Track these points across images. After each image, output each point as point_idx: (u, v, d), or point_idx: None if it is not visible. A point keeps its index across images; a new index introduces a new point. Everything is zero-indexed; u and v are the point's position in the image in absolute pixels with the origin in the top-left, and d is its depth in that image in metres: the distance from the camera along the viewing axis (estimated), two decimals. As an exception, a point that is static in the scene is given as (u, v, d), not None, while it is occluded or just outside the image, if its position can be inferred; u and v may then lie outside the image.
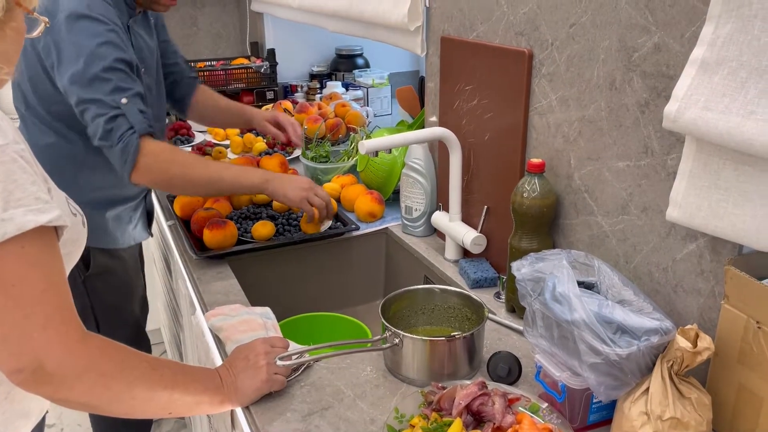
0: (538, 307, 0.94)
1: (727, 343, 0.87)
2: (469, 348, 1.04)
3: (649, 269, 1.01)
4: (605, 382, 0.86)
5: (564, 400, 0.92)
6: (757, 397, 0.84)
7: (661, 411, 0.84)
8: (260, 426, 0.96)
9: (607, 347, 0.85)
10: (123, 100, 1.32)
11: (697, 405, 0.86)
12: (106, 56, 1.32)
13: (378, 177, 1.77)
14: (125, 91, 1.33)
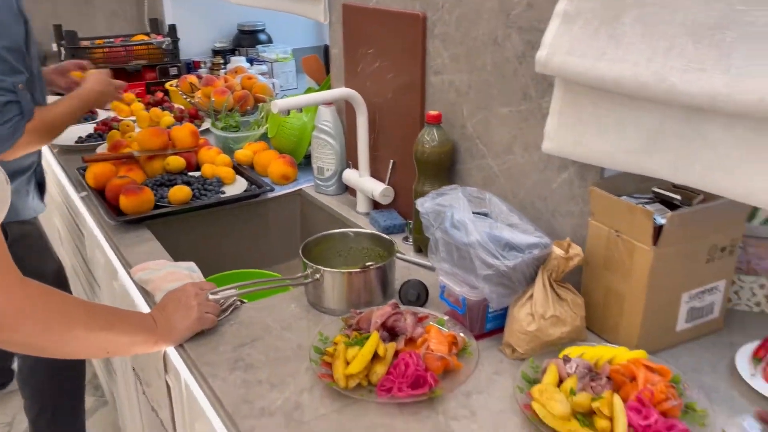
0: (440, 235, 1.07)
1: (594, 253, 1.04)
2: (382, 278, 1.17)
3: (531, 200, 1.17)
4: (497, 291, 1.01)
5: (465, 313, 1.07)
6: (620, 295, 1.02)
7: (543, 311, 1.00)
8: (195, 358, 1.04)
9: (498, 261, 1.00)
10: (19, 85, 1.37)
11: (572, 305, 1.03)
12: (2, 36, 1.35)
13: (289, 142, 1.86)
14: (20, 75, 1.38)
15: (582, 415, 0.85)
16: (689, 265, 0.99)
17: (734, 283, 1.12)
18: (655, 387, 0.87)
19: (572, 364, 0.93)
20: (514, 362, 1.01)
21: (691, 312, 1.03)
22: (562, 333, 1.01)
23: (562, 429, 0.84)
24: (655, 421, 0.82)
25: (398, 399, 0.91)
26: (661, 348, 1.03)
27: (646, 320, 0.99)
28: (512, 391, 0.93)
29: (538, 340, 1.00)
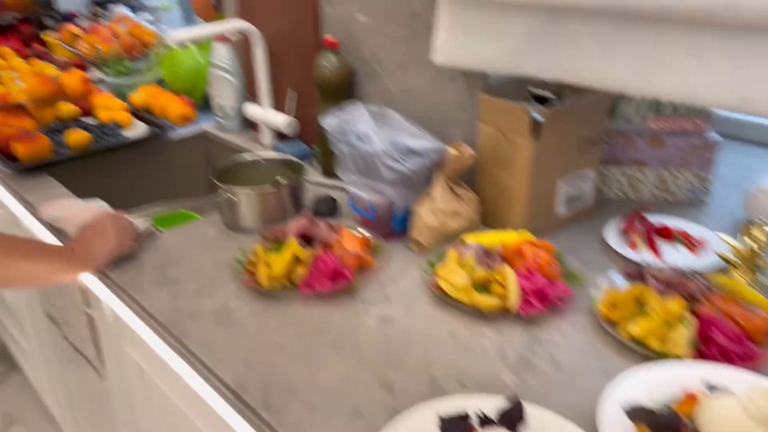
0: (346, 149, 1.16)
1: (484, 152, 1.17)
2: (294, 196, 1.24)
3: (427, 113, 1.28)
4: (402, 193, 1.12)
5: (374, 217, 1.16)
6: (507, 187, 1.15)
7: (443, 207, 1.12)
8: (119, 282, 1.07)
9: (401, 165, 1.10)
10: None
11: (467, 201, 1.15)
12: None
13: (185, 82, 1.86)
14: None
15: (480, 286, 0.98)
16: (563, 155, 1.14)
17: (603, 175, 1.29)
18: (539, 258, 1.01)
19: (470, 248, 1.05)
20: (420, 256, 1.12)
21: (568, 198, 1.19)
22: (460, 225, 1.13)
23: (464, 298, 0.96)
24: (540, 282, 0.96)
25: (320, 292, 1.00)
26: (545, 231, 1.17)
27: (531, 207, 1.14)
28: (420, 276, 1.05)
29: (439, 233, 1.12)
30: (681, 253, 1.11)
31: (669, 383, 0.78)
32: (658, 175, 1.29)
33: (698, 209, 1.27)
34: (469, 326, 0.94)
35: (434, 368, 0.86)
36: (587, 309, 0.97)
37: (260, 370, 0.86)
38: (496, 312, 0.95)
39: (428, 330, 0.93)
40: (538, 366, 0.86)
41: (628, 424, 0.72)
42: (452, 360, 0.87)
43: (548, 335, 0.92)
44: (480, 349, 0.89)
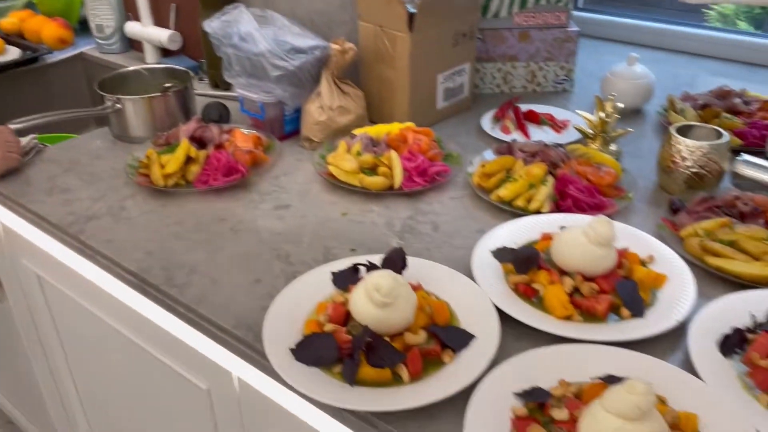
0: (231, 51, 1.18)
1: (366, 49, 1.22)
2: (183, 103, 1.25)
3: (310, 16, 1.31)
4: (290, 91, 1.16)
5: (265, 118, 1.20)
6: (390, 82, 1.22)
7: (330, 103, 1.17)
8: (7, 194, 1.06)
9: (286, 62, 1.13)
10: None
11: (354, 97, 1.21)
12: None
13: (59, 3, 1.77)
14: None
15: (368, 169, 1.06)
16: (440, 49, 1.21)
17: (478, 71, 1.38)
18: (420, 142, 1.10)
19: (357, 138, 1.12)
20: (312, 152, 1.18)
21: (447, 92, 1.27)
22: (349, 120, 1.19)
23: (353, 180, 1.03)
24: (421, 161, 1.05)
25: (215, 186, 1.04)
26: (427, 123, 1.26)
27: (412, 100, 1.21)
28: (313, 168, 1.11)
29: (329, 129, 1.18)
30: (547, 133, 1.23)
31: (531, 231, 0.90)
32: (527, 69, 1.39)
33: (564, 97, 1.39)
34: (360, 205, 1.02)
35: (328, 241, 0.93)
36: (464, 183, 1.06)
37: (162, 256, 0.90)
38: (383, 191, 1.03)
39: (322, 212, 1.00)
40: (420, 231, 0.95)
41: (495, 264, 0.83)
42: (345, 233, 0.95)
43: (430, 206, 1.01)
44: (370, 222, 0.97)
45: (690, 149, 0.96)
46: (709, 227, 0.86)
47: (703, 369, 0.65)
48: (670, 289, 0.78)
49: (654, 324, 0.72)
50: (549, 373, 0.65)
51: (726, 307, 0.73)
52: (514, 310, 0.75)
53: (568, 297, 0.75)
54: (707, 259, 0.82)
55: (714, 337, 0.70)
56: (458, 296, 0.78)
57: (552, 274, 0.78)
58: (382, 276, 0.68)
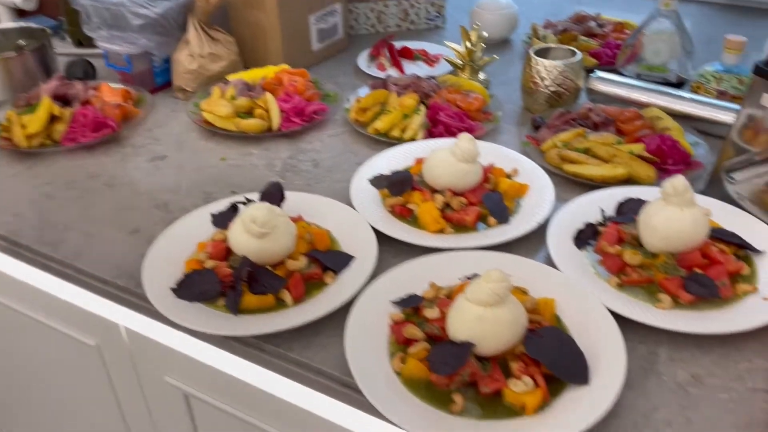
0: (87, 2, 1.12)
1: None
2: (42, 62, 1.18)
3: (171, -37, 1.26)
4: (156, 40, 1.12)
5: (132, 71, 1.16)
6: (261, 27, 1.20)
7: (200, 50, 1.14)
8: None
9: (147, 9, 1.09)
10: None
11: (225, 43, 1.18)
12: None
13: None
14: None
15: (245, 113, 1.05)
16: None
17: (352, 12, 1.39)
18: (296, 83, 1.10)
19: (231, 83, 1.10)
20: (187, 102, 1.15)
21: (320, 33, 1.27)
22: (221, 67, 1.17)
23: (229, 125, 1.03)
24: (298, 101, 1.05)
25: (84, 143, 1.00)
26: (303, 66, 1.26)
27: (285, 43, 1.20)
28: (188, 117, 1.09)
29: (201, 77, 1.15)
30: (421, 67, 1.26)
31: (406, 158, 0.93)
32: (399, 7, 1.41)
33: (436, 33, 1.43)
34: (239, 150, 1.01)
35: (208, 186, 0.92)
36: (343, 120, 1.08)
37: (32, 216, 0.87)
38: (261, 133, 1.03)
39: (200, 160, 0.99)
40: (301, 168, 0.96)
41: (373, 191, 0.86)
42: (224, 178, 0.94)
43: (309, 145, 1.02)
44: (250, 165, 0.98)
45: (548, 69, 1.02)
46: (565, 138, 0.93)
47: (561, 262, 0.71)
48: (533, 197, 0.84)
49: (517, 228, 0.78)
50: (423, 281, 0.70)
51: (580, 207, 0.80)
52: (391, 229, 0.78)
53: (439, 212, 0.79)
54: (564, 166, 0.88)
55: (570, 233, 0.76)
56: (338, 223, 0.80)
57: (425, 194, 0.82)
58: (257, 207, 0.70)
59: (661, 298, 0.66)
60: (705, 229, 0.69)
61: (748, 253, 0.72)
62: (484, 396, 0.58)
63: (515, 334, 0.59)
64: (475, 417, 0.56)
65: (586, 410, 0.55)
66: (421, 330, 0.63)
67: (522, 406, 0.56)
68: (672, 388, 0.60)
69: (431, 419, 0.56)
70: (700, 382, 0.60)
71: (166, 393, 0.86)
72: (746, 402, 0.58)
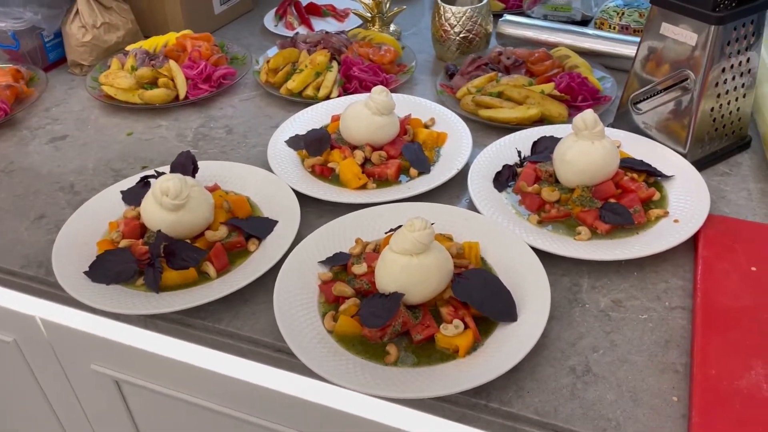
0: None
1: (121, -43, 1.12)
2: None
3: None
4: (42, 13, 1.04)
5: (21, 48, 1.07)
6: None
7: (93, 21, 1.07)
8: None
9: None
10: None
11: (120, 11, 1.11)
12: None
13: None
14: None
15: (149, 84, 1.00)
16: (203, -52, 1.14)
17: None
18: (201, 48, 1.05)
19: (130, 54, 1.04)
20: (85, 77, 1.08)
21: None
22: (119, 37, 1.11)
23: (132, 97, 0.97)
24: (204, 66, 1.01)
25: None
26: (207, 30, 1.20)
27: (186, 7, 1.14)
28: (88, 94, 1.02)
29: (98, 49, 1.08)
30: (330, 23, 1.23)
31: (323, 117, 0.91)
32: (303, -37, 1.37)
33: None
34: (146, 122, 0.96)
35: (116, 164, 0.88)
36: (254, 83, 1.05)
37: None
38: (168, 103, 0.98)
39: (105, 136, 0.94)
40: (214, 136, 0.93)
41: (291, 153, 0.84)
42: (133, 153, 0.90)
43: (221, 111, 0.98)
44: (159, 138, 0.93)
45: (456, 16, 1.02)
46: (479, 84, 0.93)
47: (482, 205, 0.72)
48: (451, 145, 0.84)
49: (438, 177, 0.78)
50: (348, 238, 0.69)
51: (497, 150, 0.81)
52: (312, 190, 0.77)
53: (360, 168, 0.78)
54: (480, 112, 0.89)
55: (489, 177, 0.77)
56: (258, 189, 0.78)
57: (344, 151, 0.81)
58: (168, 179, 0.66)
59: (579, 230, 0.68)
60: (616, 160, 0.71)
61: (658, 179, 0.75)
62: (417, 343, 0.58)
63: (443, 280, 0.59)
64: (410, 365, 0.57)
65: (515, 346, 0.56)
66: (351, 286, 0.62)
67: (455, 350, 0.57)
68: (596, 315, 0.62)
69: (367, 373, 0.56)
70: (621, 306, 0.63)
71: (95, 381, 0.82)
72: (665, 321, 0.61)
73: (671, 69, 0.77)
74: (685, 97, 0.76)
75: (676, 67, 0.76)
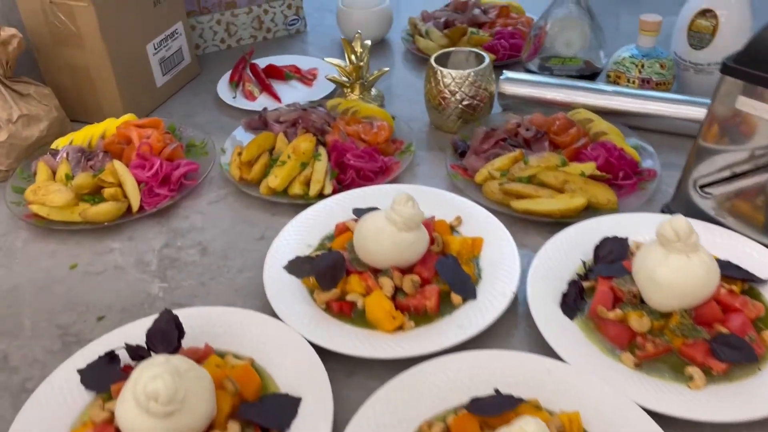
0: None
1: (36, 32, 0.91)
2: None
3: (-63, -2, 0.94)
4: (-63, 112, 0.82)
5: None
6: (85, 68, 0.93)
7: (9, 114, 0.86)
8: None
9: None
10: None
11: (40, 98, 0.90)
12: None
13: None
14: None
15: (89, 194, 0.79)
16: (139, 14, 0.95)
17: (194, 28, 1.14)
18: (151, 140, 0.85)
19: (61, 154, 0.84)
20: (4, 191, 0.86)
21: (164, 63, 1.02)
22: (41, 131, 0.89)
23: (72, 216, 0.77)
24: (160, 166, 0.81)
25: None
26: (151, 108, 1.01)
27: (122, 84, 0.94)
28: (9, 211, 0.81)
29: (17, 148, 0.87)
30: (296, 88, 1.05)
31: (322, 223, 0.74)
32: (251, 14, 1.18)
33: (300, 40, 1.22)
34: (93, 247, 0.76)
35: (61, 315, 0.67)
36: (222, 178, 0.86)
37: None
38: (118, 219, 0.78)
39: (40, 272, 0.73)
40: (186, 260, 0.74)
41: (293, 281, 0.66)
42: (82, 295, 0.70)
43: (186, 222, 0.79)
44: (113, 269, 0.73)
45: (457, 81, 0.87)
46: (502, 166, 0.78)
47: (559, 346, 0.57)
48: (490, 252, 0.68)
49: (490, 305, 0.62)
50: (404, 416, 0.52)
51: (550, 258, 0.66)
52: (336, 341, 0.59)
53: (391, 303, 0.62)
54: (512, 203, 0.74)
55: (553, 297, 0.62)
56: (262, 343, 0.60)
57: (365, 278, 0.64)
58: (154, 377, 0.48)
59: (691, 373, 0.54)
60: (717, 275, 0.58)
61: (753, 285, 0.62)
62: None
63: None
64: None
65: None
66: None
67: None
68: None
69: None
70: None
71: None
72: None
73: (751, 149, 0.64)
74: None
75: (759, 146, 0.64)
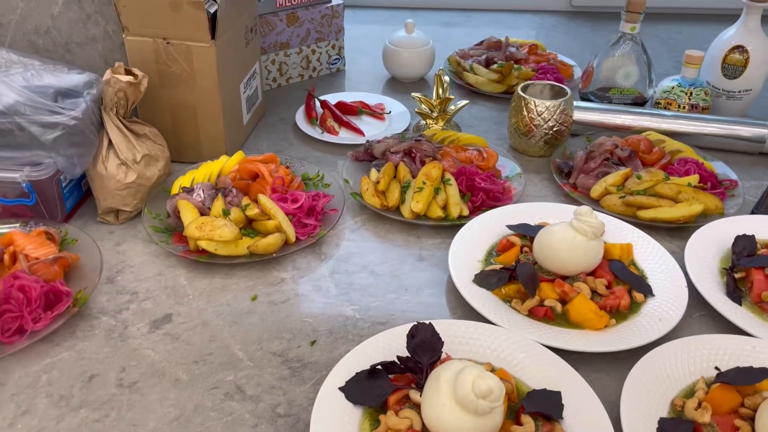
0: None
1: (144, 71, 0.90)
2: None
3: (31, 39, 0.91)
4: (73, 153, 0.79)
5: (36, 202, 0.81)
6: (190, 108, 0.93)
7: (133, 155, 0.84)
8: None
9: (60, 115, 0.76)
10: None
11: (153, 137, 0.89)
12: None
13: None
14: None
15: (244, 228, 0.81)
16: (237, 53, 0.97)
17: (254, 67, 1.17)
18: (280, 173, 0.88)
19: (197, 192, 0.84)
20: (127, 226, 0.85)
21: (248, 101, 1.04)
22: (159, 171, 0.88)
23: (234, 251, 0.77)
24: (305, 198, 0.84)
25: (40, 333, 0.67)
26: (238, 146, 1.02)
27: (227, 121, 0.96)
28: (157, 249, 0.80)
29: (143, 189, 0.86)
30: (370, 123, 1.11)
31: (482, 241, 0.81)
32: (301, 54, 1.23)
33: (342, 77, 1.28)
34: (262, 279, 0.77)
35: (272, 346, 0.68)
36: (354, 205, 0.90)
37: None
38: (277, 251, 0.79)
39: (225, 308, 0.73)
40: (362, 284, 0.77)
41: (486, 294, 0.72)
42: (279, 324, 0.71)
43: (341, 249, 0.83)
44: (294, 297, 0.75)
45: (550, 110, 0.98)
46: (615, 182, 0.89)
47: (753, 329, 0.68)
48: (642, 256, 0.79)
49: (672, 298, 0.72)
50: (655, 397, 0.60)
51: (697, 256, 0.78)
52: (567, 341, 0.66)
53: (595, 304, 0.70)
54: (638, 213, 0.85)
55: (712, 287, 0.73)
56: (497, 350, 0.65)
57: (559, 285, 0.71)
58: (482, 378, 0.52)
59: None
60: None
61: None
62: None
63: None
64: None
65: None
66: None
67: None
68: None
69: None
70: None
71: None
72: None
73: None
74: None
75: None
